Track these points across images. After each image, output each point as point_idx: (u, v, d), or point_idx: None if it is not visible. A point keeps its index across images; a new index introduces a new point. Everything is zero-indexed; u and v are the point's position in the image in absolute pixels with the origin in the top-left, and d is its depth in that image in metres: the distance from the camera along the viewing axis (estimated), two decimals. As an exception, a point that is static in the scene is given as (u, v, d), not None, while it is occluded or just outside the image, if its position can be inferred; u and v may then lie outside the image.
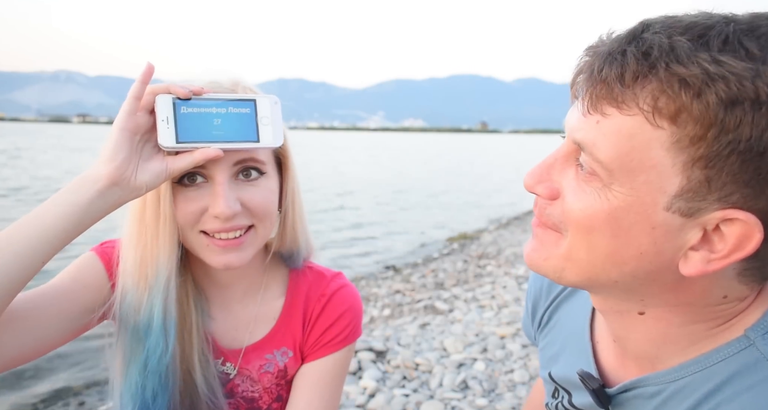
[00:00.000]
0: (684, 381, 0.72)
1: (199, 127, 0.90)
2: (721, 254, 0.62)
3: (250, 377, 1.11)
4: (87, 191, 0.83)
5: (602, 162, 0.63)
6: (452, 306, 5.11)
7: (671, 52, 0.58)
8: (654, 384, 0.75)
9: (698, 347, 0.72)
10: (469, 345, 3.89)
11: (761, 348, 0.67)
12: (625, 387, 0.79)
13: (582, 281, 0.71)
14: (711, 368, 0.70)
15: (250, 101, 0.94)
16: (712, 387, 0.69)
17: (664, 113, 0.58)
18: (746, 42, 0.57)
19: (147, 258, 0.97)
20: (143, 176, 0.87)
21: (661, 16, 0.63)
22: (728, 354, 0.69)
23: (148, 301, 0.97)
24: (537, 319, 1.09)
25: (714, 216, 0.61)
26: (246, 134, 0.93)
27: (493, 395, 3.17)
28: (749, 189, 0.58)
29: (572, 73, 0.68)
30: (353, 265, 7.62)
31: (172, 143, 0.88)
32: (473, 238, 9.40)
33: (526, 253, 0.76)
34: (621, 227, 0.64)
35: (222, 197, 0.92)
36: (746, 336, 0.69)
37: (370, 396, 3.15)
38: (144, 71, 0.88)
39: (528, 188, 0.72)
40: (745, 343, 0.69)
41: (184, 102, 0.90)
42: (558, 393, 0.96)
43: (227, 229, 0.95)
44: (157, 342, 0.98)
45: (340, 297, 1.14)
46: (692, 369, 0.72)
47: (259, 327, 1.12)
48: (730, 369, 0.68)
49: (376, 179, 21.91)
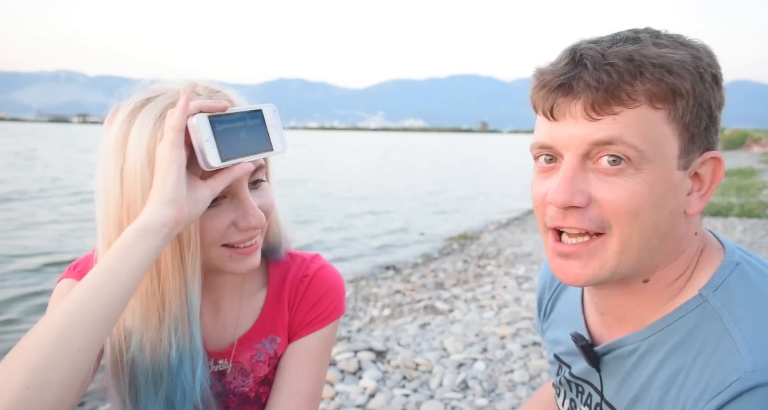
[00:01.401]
0: (653, 339, 0.83)
1: (233, 143, 0.90)
2: (706, 188, 0.81)
3: (242, 370, 1.11)
4: (156, 238, 0.80)
5: (636, 146, 0.75)
6: (452, 306, 5.11)
7: (646, 53, 0.75)
8: (630, 343, 0.86)
9: (667, 306, 0.83)
10: (469, 345, 3.89)
11: (712, 303, 0.79)
12: (608, 347, 0.90)
13: (635, 263, 0.81)
14: (674, 324, 0.81)
15: (257, 112, 0.95)
16: (676, 341, 0.80)
17: (660, 96, 0.75)
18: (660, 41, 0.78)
19: (165, 292, 0.91)
20: (195, 207, 0.84)
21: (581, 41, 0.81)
22: (687, 311, 0.81)
23: (176, 336, 0.92)
24: (543, 310, 1.19)
25: (697, 162, 0.80)
26: (263, 144, 0.95)
27: (493, 395, 3.17)
28: (708, 134, 0.79)
29: (549, 100, 0.80)
30: (353, 265, 7.63)
31: (218, 163, 0.87)
32: (473, 238, 9.40)
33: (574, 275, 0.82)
34: (659, 196, 0.77)
35: (252, 209, 0.94)
36: (700, 295, 0.80)
37: (370, 396, 3.15)
38: (184, 100, 0.84)
39: (564, 204, 0.78)
40: (700, 300, 0.80)
41: (216, 120, 0.88)
42: (561, 369, 1.06)
43: (251, 238, 0.97)
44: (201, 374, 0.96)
45: (322, 277, 1.16)
46: (660, 327, 0.83)
47: (244, 319, 1.13)
48: (689, 325, 0.79)
49: (376, 179, 21.90)
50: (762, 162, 24.96)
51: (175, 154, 0.82)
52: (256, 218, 0.94)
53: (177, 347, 0.93)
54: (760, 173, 18.54)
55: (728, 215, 9.52)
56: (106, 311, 0.75)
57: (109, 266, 0.77)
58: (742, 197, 11.58)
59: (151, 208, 0.81)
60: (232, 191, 0.94)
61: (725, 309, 0.77)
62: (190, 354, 0.95)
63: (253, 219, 0.94)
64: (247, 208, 0.94)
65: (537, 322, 1.25)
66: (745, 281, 0.80)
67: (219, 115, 0.89)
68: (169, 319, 0.92)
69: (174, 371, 0.94)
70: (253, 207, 0.94)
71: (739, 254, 0.85)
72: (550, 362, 1.11)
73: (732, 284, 0.80)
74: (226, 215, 0.94)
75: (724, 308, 0.77)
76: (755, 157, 30.52)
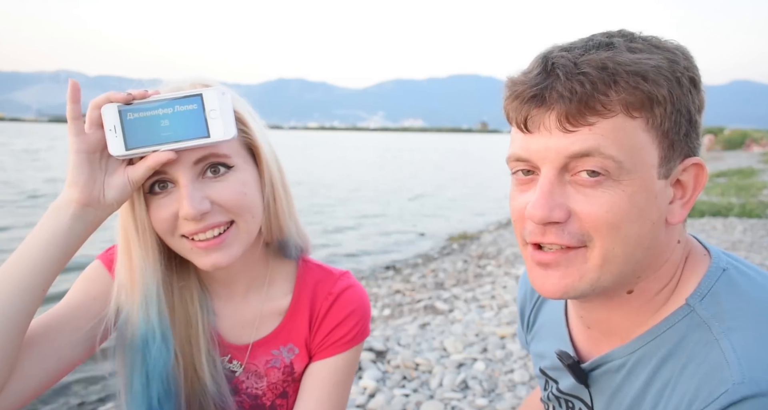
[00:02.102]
0: (641, 351, 0.81)
1: (146, 131, 0.90)
2: (689, 195, 0.78)
3: (257, 372, 1.11)
4: (63, 216, 0.86)
5: (614, 157, 0.72)
6: (452, 306, 5.11)
7: (619, 61, 0.72)
8: (619, 357, 0.84)
9: (655, 317, 0.81)
10: (469, 345, 3.89)
11: (700, 312, 0.77)
12: (596, 363, 0.87)
13: (617, 277, 0.78)
14: (661, 336, 0.79)
15: (196, 96, 0.92)
16: (665, 353, 0.78)
17: (636, 105, 0.72)
18: (634, 45, 0.75)
19: (135, 269, 0.97)
20: (110, 192, 0.89)
21: (553, 47, 0.78)
22: (674, 321, 0.79)
23: (142, 312, 0.97)
24: (525, 322, 1.16)
25: (678, 170, 0.77)
26: (195, 130, 0.91)
27: (493, 395, 3.17)
28: (688, 139, 0.77)
29: (522, 113, 0.77)
30: (353, 264, 7.63)
31: (122, 151, 0.89)
32: (473, 238, 9.40)
33: (552, 284, 0.79)
34: (639, 208, 0.75)
35: (186, 198, 0.91)
36: (687, 304, 0.78)
37: (370, 396, 3.15)
38: (70, 91, 0.88)
39: (543, 220, 0.76)
40: (687, 310, 0.78)
41: (129, 108, 0.89)
42: (548, 384, 1.03)
43: (202, 229, 0.94)
44: (159, 351, 0.98)
45: (348, 297, 1.14)
46: (647, 339, 0.81)
47: (265, 322, 1.11)
48: (678, 335, 0.78)
49: (376, 179, 21.91)
50: (762, 162, 24.95)
51: (71, 141, 0.88)
52: (187, 208, 0.90)
53: (145, 323, 0.98)
54: (760, 173, 18.53)
55: (728, 215, 9.51)
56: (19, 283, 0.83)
57: (24, 246, 0.86)
58: (742, 197, 11.58)
59: (62, 191, 0.88)
60: (173, 178, 0.93)
61: (714, 318, 0.75)
62: (161, 333, 0.98)
63: (184, 209, 0.91)
64: (181, 196, 0.92)
65: (520, 333, 1.22)
66: (734, 288, 0.78)
67: (134, 103, 0.90)
68: (138, 295, 0.97)
69: (143, 345, 0.98)
70: (189, 196, 0.91)
71: (726, 260, 0.82)
72: (536, 376, 1.09)
73: (720, 291, 0.78)
74: (171, 203, 0.94)
75: (712, 318, 0.75)
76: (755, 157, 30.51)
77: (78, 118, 0.88)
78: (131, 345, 0.99)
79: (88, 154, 0.88)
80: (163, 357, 0.98)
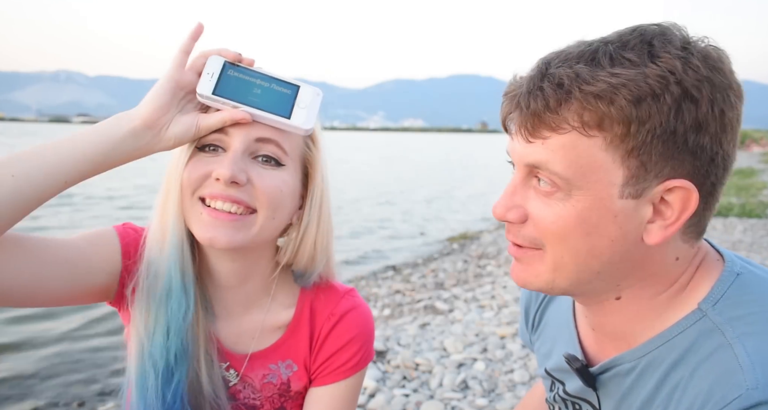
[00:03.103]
0: (652, 355, 0.80)
1: (238, 89, 0.93)
2: (673, 218, 0.74)
3: (252, 385, 1.09)
4: (122, 127, 0.86)
5: (559, 173, 0.73)
6: (452, 306, 5.11)
7: (578, 78, 0.71)
8: (628, 361, 0.84)
9: (662, 321, 0.80)
10: (469, 345, 3.89)
11: (713, 318, 0.76)
12: (605, 367, 0.87)
13: (572, 284, 0.79)
14: (672, 340, 0.78)
15: (294, 85, 0.96)
16: (676, 357, 0.77)
17: (591, 124, 0.71)
18: (626, 54, 0.71)
19: (165, 222, 0.99)
20: (175, 127, 0.90)
21: (552, 52, 0.77)
22: (686, 326, 0.78)
23: (167, 263, 0.98)
24: (530, 322, 1.16)
25: (657, 190, 0.73)
26: (280, 109, 0.94)
27: (493, 395, 3.17)
28: (674, 161, 0.71)
29: (502, 115, 0.80)
30: (353, 264, 7.63)
31: (209, 93, 0.91)
32: (473, 238, 9.41)
33: (515, 275, 0.84)
34: (590, 224, 0.74)
35: (229, 161, 0.92)
36: (699, 309, 0.77)
37: (370, 396, 3.15)
38: (195, 28, 0.93)
39: (499, 218, 0.80)
40: (699, 315, 0.77)
41: (232, 67, 0.94)
42: (554, 385, 1.02)
43: (224, 197, 0.92)
44: (179, 302, 0.98)
45: (351, 320, 1.10)
46: (657, 343, 0.80)
47: (265, 335, 1.09)
48: (689, 340, 0.77)
49: (375, 179, 21.90)
50: (762, 162, 24.95)
51: (170, 69, 0.90)
52: (226, 168, 0.90)
53: (168, 274, 0.98)
54: (760, 173, 18.54)
55: (728, 215, 9.52)
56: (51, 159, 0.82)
57: (74, 135, 0.85)
58: (742, 197, 11.58)
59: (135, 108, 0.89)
60: (228, 143, 0.94)
61: (727, 323, 0.74)
62: (182, 283, 0.98)
63: (222, 167, 0.90)
64: (227, 157, 0.92)
65: (523, 332, 1.21)
66: (748, 293, 0.77)
67: (241, 66, 0.94)
68: (165, 248, 0.98)
69: (167, 297, 0.98)
70: (232, 160, 0.91)
71: (740, 264, 0.81)
72: (541, 376, 1.07)
73: (733, 296, 0.77)
74: (211, 164, 0.93)
75: (725, 323, 0.74)
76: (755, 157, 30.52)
77: (187, 52, 0.92)
78: (157, 300, 0.99)
79: (176, 86, 0.90)
80: (183, 310, 0.98)
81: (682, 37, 0.73)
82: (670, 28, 0.74)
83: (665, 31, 0.73)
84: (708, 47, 0.73)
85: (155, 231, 1.00)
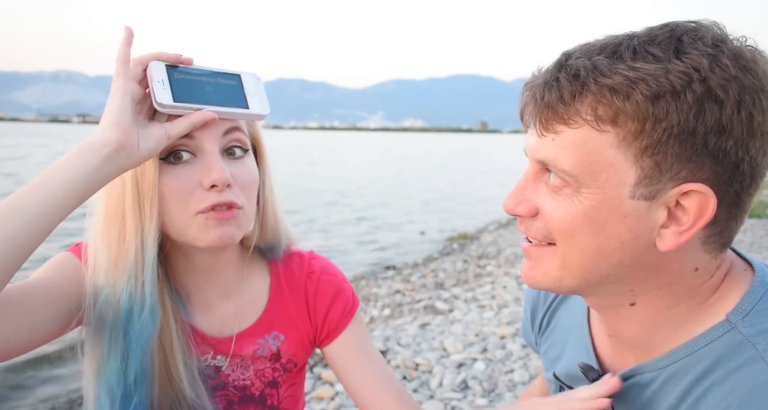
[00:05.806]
0: (675, 366, 0.77)
1: (192, 91, 0.92)
2: (688, 225, 0.70)
3: (243, 362, 1.10)
4: (94, 156, 0.82)
5: (567, 171, 0.71)
6: (452, 306, 5.12)
7: (595, 70, 0.68)
8: (649, 371, 0.80)
9: (685, 331, 0.78)
10: (469, 345, 3.89)
11: (743, 330, 0.73)
12: (623, 376, 0.83)
13: (579, 284, 0.77)
14: (698, 352, 0.75)
15: (235, 75, 0.97)
16: (702, 369, 0.74)
17: (604, 118, 0.68)
18: (650, 49, 0.68)
19: (129, 242, 0.94)
20: (146, 142, 0.87)
21: (578, 45, 0.74)
22: (713, 337, 0.75)
23: (130, 285, 0.94)
24: (537, 324, 1.12)
25: (672, 193, 0.69)
26: (236, 101, 0.95)
27: (493, 395, 3.17)
28: (692, 164, 0.67)
29: (519, 107, 0.78)
30: (353, 264, 7.63)
31: (170, 102, 0.89)
32: (473, 238, 9.41)
33: (524, 273, 0.83)
34: (599, 223, 0.72)
35: (217, 164, 0.91)
36: (728, 320, 0.74)
37: (370, 396, 3.15)
38: (126, 35, 0.89)
39: (509, 211, 0.79)
40: (728, 327, 0.74)
41: (174, 69, 0.92)
42: (563, 391, 0.99)
43: (221, 202, 0.92)
44: (144, 324, 0.95)
45: (329, 272, 1.17)
46: (682, 354, 0.77)
47: (246, 316, 1.11)
48: (717, 352, 0.74)
49: (375, 179, 21.91)
50: (762, 162, 24.93)
51: (119, 83, 0.87)
52: (219, 172, 0.90)
53: (129, 294, 0.95)
54: (760, 173, 18.53)
55: (728, 215, 9.52)
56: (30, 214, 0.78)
57: (43, 177, 0.80)
58: (742, 197, 11.58)
59: (96, 132, 0.85)
60: (199, 147, 0.93)
61: (759, 336, 0.71)
62: (149, 305, 0.95)
63: (215, 173, 0.90)
64: (211, 162, 0.91)
65: (527, 332, 1.19)
66: None
67: (182, 67, 0.93)
68: (127, 265, 0.94)
69: (127, 320, 0.95)
70: (218, 162, 0.91)
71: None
72: (548, 379, 1.05)
73: (765, 308, 0.74)
74: (192, 173, 0.92)
75: (757, 335, 0.71)
76: (755, 157, 30.46)
77: (128, 61, 0.88)
78: (113, 324, 0.96)
79: (131, 98, 0.87)
80: (148, 331, 0.95)
81: (716, 34, 0.68)
82: (705, 25, 0.70)
83: (698, 28, 0.69)
84: (743, 47, 0.68)
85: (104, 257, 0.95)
